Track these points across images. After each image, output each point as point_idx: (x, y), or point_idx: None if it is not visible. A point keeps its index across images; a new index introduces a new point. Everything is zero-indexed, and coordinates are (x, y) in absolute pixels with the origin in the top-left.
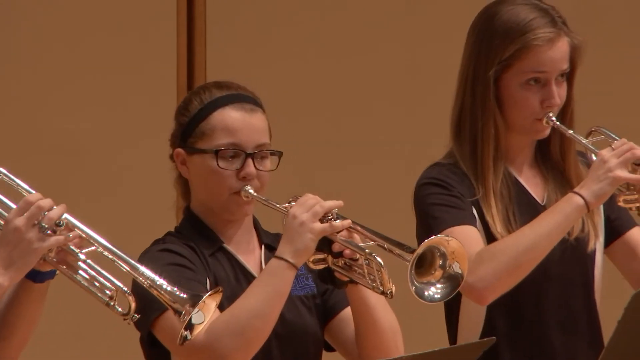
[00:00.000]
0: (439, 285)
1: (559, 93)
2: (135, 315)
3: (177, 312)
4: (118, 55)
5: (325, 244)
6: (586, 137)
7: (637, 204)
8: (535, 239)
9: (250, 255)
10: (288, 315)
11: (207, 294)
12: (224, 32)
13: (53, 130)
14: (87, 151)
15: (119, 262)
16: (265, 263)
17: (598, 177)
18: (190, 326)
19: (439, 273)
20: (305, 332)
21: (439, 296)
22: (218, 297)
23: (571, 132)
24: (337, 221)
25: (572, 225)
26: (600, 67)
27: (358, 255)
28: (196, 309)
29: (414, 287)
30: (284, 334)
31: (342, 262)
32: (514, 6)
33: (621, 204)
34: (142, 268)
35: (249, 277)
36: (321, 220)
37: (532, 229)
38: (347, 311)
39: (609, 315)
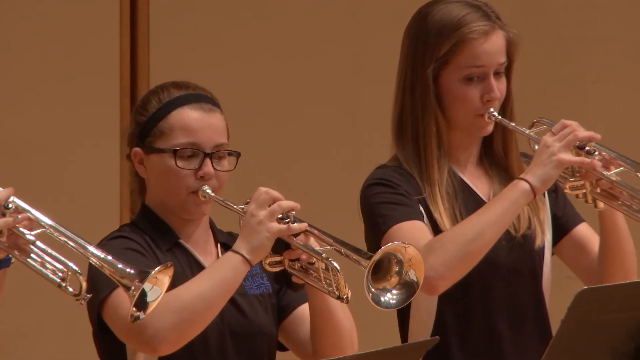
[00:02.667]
0: (394, 292)
1: (498, 87)
2: (87, 295)
3: (126, 288)
4: (61, 56)
5: (282, 246)
6: (529, 129)
7: (584, 190)
8: (483, 227)
9: (207, 254)
10: (244, 314)
11: (157, 269)
12: (167, 33)
13: None
14: (30, 151)
15: (68, 241)
16: None
17: (542, 161)
18: (144, 305)
19: (395, 279)
20: (261, 331)
21: (394, 302)
22: (169, 272)
23: (513, 124)
24: (295, 223)
25: (519, 211)
26: (539, 62)
27: (315, 259)
28: (150, 285)
29: (370, 295)
30: (239, 332)
31: (299, 265)
32: (446, 4)
33: (567, 190)
34: (91, 247)
35: None
36: (278, 221)
37: (480, 216)
38: (301, 309)
39: (561, 311)
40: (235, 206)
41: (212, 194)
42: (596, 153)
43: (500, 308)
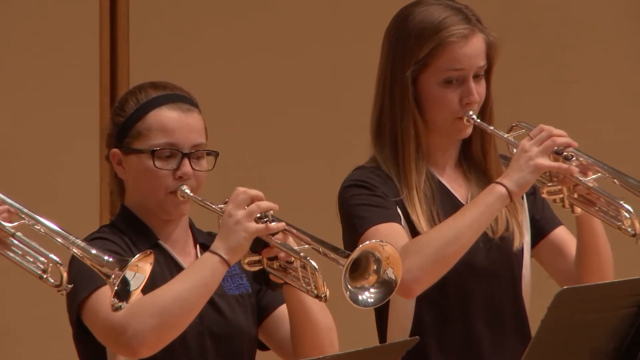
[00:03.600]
0: (372, 290)
1: (477, 90)
2: (68, 285)
3: (106, 276)
4: (41, 56)
5: (260, 245)
6: (507, 133)
7: (561, 195)
8: (459, 230)
9: (186, 255)
10: (223, 315)
11: (136, 257)
12: (147, 32)
13: None
14: (9, 151)
15: (49, 232)
16: None
17: (520, 166)
18: (127, 294)
19: (373, 278)
20: (241, 332)
21: (372, 301)
22: (150, 259)
23: (492, 128)
24: (273, 223)
25: (495, 215)
26: (519, 62)
27: (293, 258)
28: (132, 273)
29: (348, 293)
30: (219, 333)
31: (277, 264)
32: (427, 7)
33: (545, 195)
34: (72, 237)
35: None
36: (256, 221)
37: (456, 220)
38: (281, 309)
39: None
40: (213, 206)
41: (191, 194)
42: (574, 159)
43: (479, 310)
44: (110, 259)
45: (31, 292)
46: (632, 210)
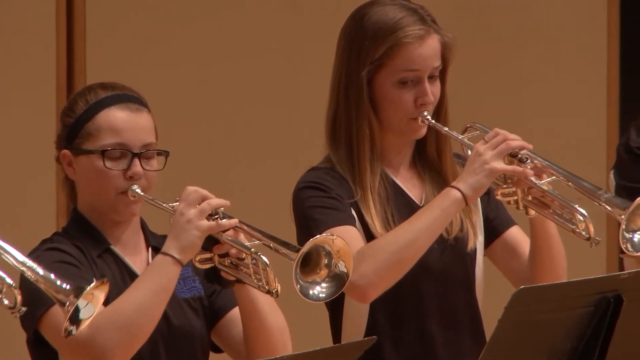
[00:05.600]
0: (324, 285)
1: (432, 91)
2: (23, 308)
3: (61, 303)
4: None
5: (211, 242)
6: (462, 134)
7: (515, 198)
8: (414, 235)
9: (137, 257)
10: (175, 318)
11: (92, 285)
12: (103, 33)
13: None
14: None
15: (4, 253)
16: None
17: (474, 170)
18: (77, 320)
19: (324, 272)
20: (192, 335)
21: (324, 295)
22: (105, 288)
23: (446, 129)
24: (224, 220)
25: (450, 219)
26: (476, 63)
27: (244, 255)
28: (85, 302)
29: (299, 286)
30: (170, 336)
31: (229, 261)
32: (382, 7)
33: (499, 197)
34: (29, 261)
35: (135, 279)
36: (208, 218)
37: (411, 224)
38: (235, 312)
39: (494, 313)
40: (165, 205)
41: (142, 194)
42: (528, 161)
43: (433, 310)
44: (67, 287)
45: None
46: (586, 213)
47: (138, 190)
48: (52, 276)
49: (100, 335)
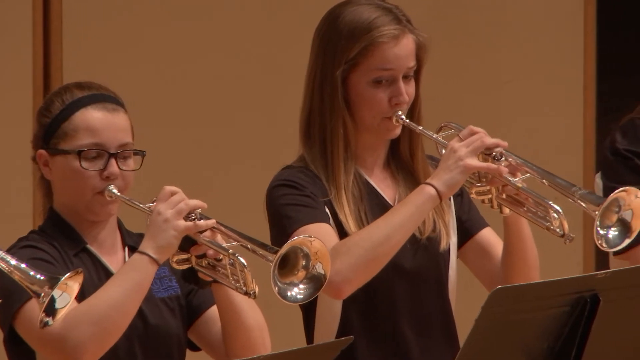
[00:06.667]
0: (302, 286)
1: (407, 91)
2: None
3: (36, 294)
4: None
5: (188, 243)
6: (437, 133)
7: (489, 196)
8: (388, 231)
9: (113, 257)
10: (151, 318)
11: (66, 275)
12: (80, 33)
13: None
14: None
15: None
16: None
17: (448, 166)
18: (53, 311)
19: (302, 274)
20: (169, 334)
21: (301, 297)
22: (79, 279)
23: (421, 128)
24: (201, 221)
25: (425, 215)
26: (452, 63)
27: (222, 256)
28: (59, 292)
29: (276, 288)
30: (146, 336)
31: (206, 262)
32: (357, 6)
33: (473, 195)
34: (2, 253)
35: None
36: (185, 219)
37: (386, 221)
38: (213, 310)
39: (467, 313)
40: (141, 205)
41: (118, 194)
42: (503, 159)
43: (406, 310)
44: (42, 277)
45: None
46: (560, 210)
47: (115, 191)
48: (24, 266)
49: (72, 329)
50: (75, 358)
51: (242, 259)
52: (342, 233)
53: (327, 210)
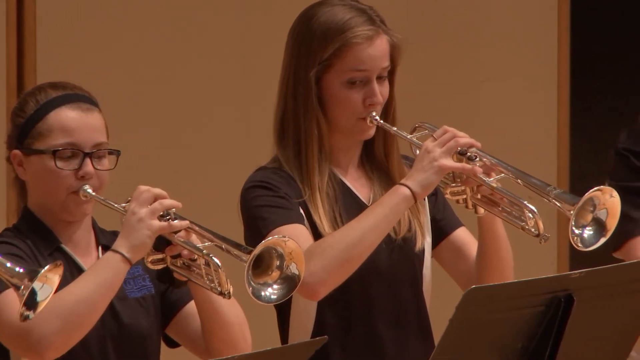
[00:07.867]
0: (276, 286)
1: (381, 91)
2: None
3: (16, 287)
4: None
5: (163, 243)
6: (411, 133)
7: (464, 196)
8: (363, 232)
9: (88, 257)
10: (125, 317)
11: (46, 267)
12: (54, 32)
13: None
14: None
15: None
16: None
17: (423, 167)
18: (35, 304)
19: (276, 274)
20: (142, 334)
21: (275, 297)
22: (59, 271)
23: (395, 128)
24: (176, 221)
25: (399, 216)
26: (428, 62)
27: (196, 256)
28: (40, 284)
29: (251, 288)
30: (120, 336)
31: (181, 262)
32: (331, 7)
33: (448, 196)
34: None
35: None
36: (159, 219)
37: (360, 222)
38: (191, 305)
39: (442, 313)
40: (116, 205)
41: (93, 193)
42: (477, 159)
43: (381, 310)
44: (21, 270)
45: None
46: (535, 209)
47: (89, 190)
48: (5, 260)
49: (38, 322)
50: (39, 351)
51: (216, 260)
52: (317, 234)
53: (301, 211)
